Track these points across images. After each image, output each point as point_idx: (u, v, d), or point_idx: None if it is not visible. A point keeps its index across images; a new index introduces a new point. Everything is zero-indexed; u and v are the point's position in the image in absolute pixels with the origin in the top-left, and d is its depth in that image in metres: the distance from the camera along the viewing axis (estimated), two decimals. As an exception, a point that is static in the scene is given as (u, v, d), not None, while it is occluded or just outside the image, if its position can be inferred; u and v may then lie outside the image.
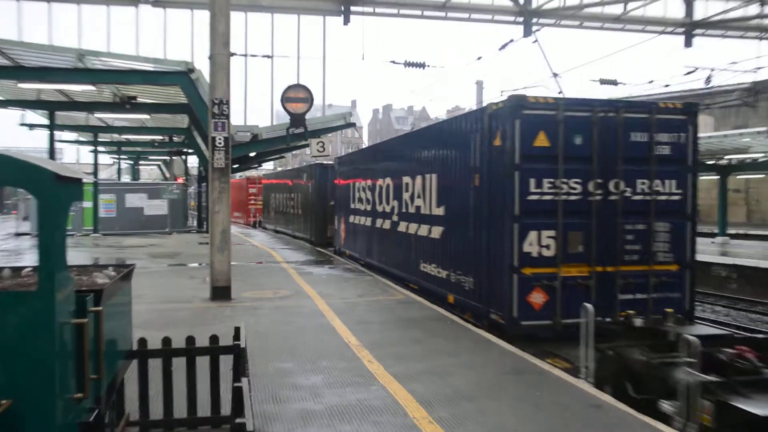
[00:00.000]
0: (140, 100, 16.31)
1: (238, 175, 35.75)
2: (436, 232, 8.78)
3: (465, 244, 7.76)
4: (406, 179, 10.08)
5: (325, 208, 18.35)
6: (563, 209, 6.61)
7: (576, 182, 6.68)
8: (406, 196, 10.14)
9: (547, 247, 6.59)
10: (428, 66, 15.17)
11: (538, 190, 6.59)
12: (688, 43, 12.78)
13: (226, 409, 4.10)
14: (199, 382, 3.86)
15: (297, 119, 16.03)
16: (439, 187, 8.70)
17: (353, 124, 20.08)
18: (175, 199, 24.50)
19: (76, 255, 14.58)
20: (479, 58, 16.21)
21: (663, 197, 6.87)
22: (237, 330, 3.67)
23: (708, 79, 13.85)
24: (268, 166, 50.03)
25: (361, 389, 4.88)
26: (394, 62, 14.98)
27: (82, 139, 27.61)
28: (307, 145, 19.83)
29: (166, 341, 3.81)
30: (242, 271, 11.97)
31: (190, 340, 3.82)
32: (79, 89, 14.92)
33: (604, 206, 6.75)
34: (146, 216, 23.94)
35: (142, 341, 3.82)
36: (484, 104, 7.58)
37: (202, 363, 4.02)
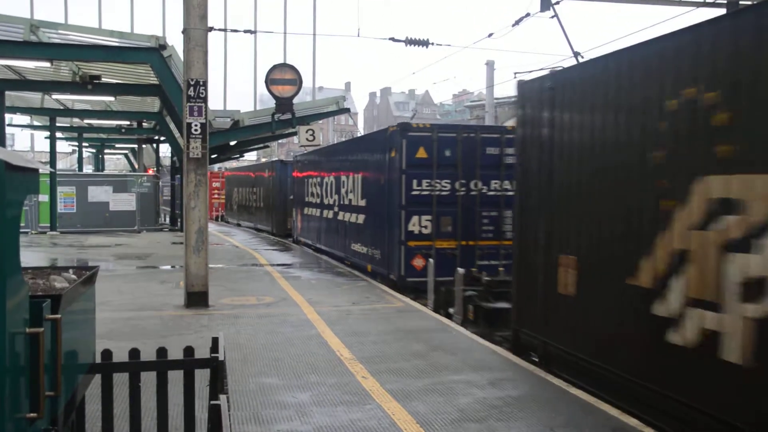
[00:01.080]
0: (104, 80, 16.23)
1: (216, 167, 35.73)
2: (361, 219, 12.67)
3: (376, 227, 11.65)
4: (343, 177, 13.87)
5: (285, 202, 21.85)
6: (437, 201, 10.50)
7: (446, 182, 10.54)
8: (343, 191, 13.93)
9: (425, 227, 10.52)
10: (432, 44, 15.15)
11: (419, 188, 10.45)
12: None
13: (202, 429, 4.09)
14: (171, 400, 3.86)
15: (283, 104, 16.02)
16: (363, 184, 12.53)
17: (347, 110, 20.08)
18: (145, 193, 24.48)
19: (30, 256, 14.54)
20: (490, 35, 16.23)
21: (509, 193, 9.96)
22: (215, 341, 3.66)
23: None
24: (250, 157, 50.03)
25: (354, 408, 4.89)
26: (393, 39, 14.94)
27: (36, 123, 27.50)
28: (294, 133, 19.87)
29: (134, 353, 3.80)
30: (222, 275, 11.96)
31: (162, 352, 3.81)
32: (31, 66, 14.80)
33: (466, 199, 10.57)
34: (112, 212, 23.91)
35: (107, 353, 3.81)
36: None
37: (175, 378, 4.01)
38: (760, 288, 3.87)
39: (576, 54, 11.56)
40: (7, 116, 20.19)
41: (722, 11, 12.87)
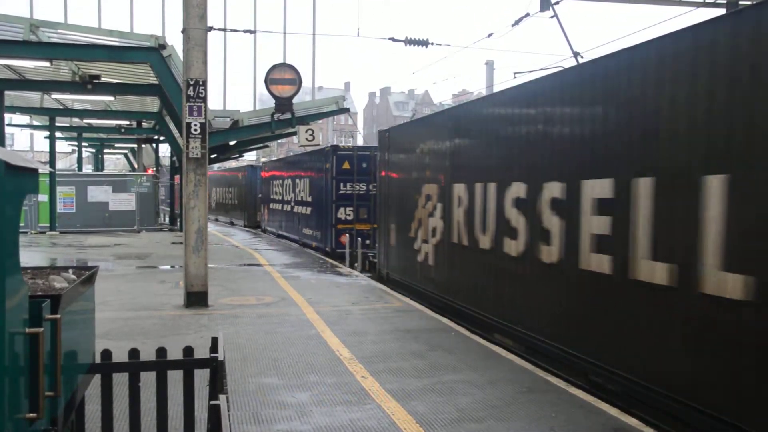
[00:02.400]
0: (104, 79, 16.22)
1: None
2: (308, 210, 18.13)
3: (317, 215, 17.03)
4: (298, 180, 19.37)
5: (255, 200, 27.82)
6: (356, 197, 15.72)
7: (363, 185, 15.80)
8: (297, 190, 19.42)
9: (349, 215, 15.74)
10: (432, 44, 15.13)
11: (345, 189, 15.69)
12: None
13: (201, 429, 4.09)
14: (170, 400, 3.85)
15: (283, 103, 16.01)
16: (310, 185, 17.96)
17: (346, 110, 20.08)
18: (144, 193, 24.46)
19: (30, 255, 14.53)
20: (490, 35, 16.21)
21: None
22: (214, 341, 3.66)
23: None
24: (250, 156, 50.02)
25: (353, 408, 4.89)
26: (393, 39, 14.92)
27: (36, 123, 27.47)
28: (294, 133, 19.87)
29: (134, 353, 3.80)
30: (221, 275, 11.96)
31: (161, 352, 3.81)
32: (31, 65, 14.79)
33: (377, 196, 13.28)
34: (111, 212, 23.89)
35: (106, 353, 3.81)
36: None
37: (175, 378, 4.01)
38: (435, 233, 9.26)
39: (575, 54, 11.55)
40: (7, 116, 20.17)
41: (722, 11, 12.86)
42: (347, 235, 15.11)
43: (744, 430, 3.93)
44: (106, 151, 38.78)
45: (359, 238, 15.06)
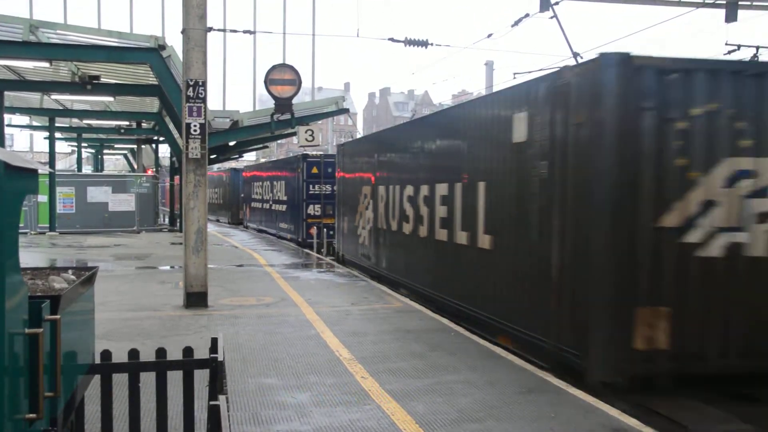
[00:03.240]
0: (103, 80, 16.22)
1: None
2: (284, 208, 21.19)
3: (291, 212, 19.93)
4: (275, 182, 22.63)
5: (238, 199, 31.26)
6: (323, 197, 18.43)
7: (328, 186, 18.10)
8: (275, 190, 22.67)
9: (317, 211, 18.50)
10: (432, 44, 15.13)
11: (313, 190, 18.48)
12: (730, 18, 12.63)
13: (201, 430, 4.09)
14: (170, 401, 3.85)
15: (283, 104, 16.02)
16: (285, 187, 21.01)
17: (346, 110, 20.09)
18: (144, 194, 24.45)
19: (30, 256, 14.52)
20: (490, 36, 16.19)
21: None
22: (214, 341, 3.66)
23: (753, 59, 13.79)
24: (249, 157, 50.01)
25: (353, 408, 4.89)
26: (393, 40, 14.92)
27: (35, 123, 27.46)
28: (294, 134, 19.88)
29: (133, 354, 3.80)
30: (221, 275, 11.96)
31: (161, 352, 3.81)
32: (30, 66, 14.79)
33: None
34: (111, 212, 23.89)
35: (106, 354, 3.81)
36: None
37: (175, 379, 4.01)
38: (368, 222, 12.57)
39: (575, 54, 11.56)
40: (6, 116, 20.15)
41: (722, 12, 12.86)
42: (315, 227, 18.30)
43: (481, 314, 7.59)
44: (105, 151, 38.76)
45: (325, 230, 18.08)
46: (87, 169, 37.03)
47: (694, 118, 5.51)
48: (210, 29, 9.01)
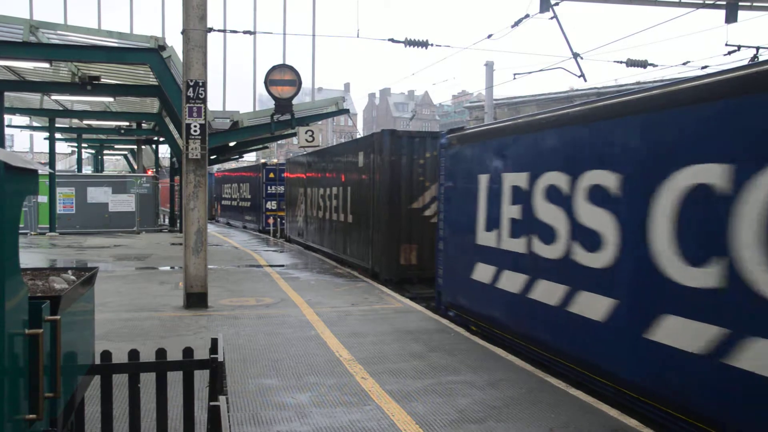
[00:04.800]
0: (103, 80, 16.23)
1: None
2: (249, 204, 27.69)
3: (254, 207, 26.64)
4: (242, 184, 28.88)
5: (212, 198, 35.94)
6: (278, 196, 24.68)
7: (281, 187, 24.21)
8: (241, 190, 28.92)
9: (273, 206, 24.81)
10: (432, 45, 15.13)
11: (271, 190, 24.95)
12: (730, 18, 12.63)
13: (201, 430, 4.09)
14: (170, 401, 3.86)
15: (283, 104, 16.02)
16: (249, 187, 27.43)
17: (346, 111, 20.08)
18: (144, 194, 24.45)
19: (30, 256, 14.52)
20: (489, 36, 16.13)
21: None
22: (214, 342, 3.66)
23: (754, 59, 13.78)
24: (249, 158, 49.98)
25: (353, 409, 4.89)
26: (393, 40, 14.92)
27: (35, 124, 27.46)
28: (294, 134, 19.88)
29: (133, 355, 3.80)
30: (221, 276, 11.96)
31: (161, 353, 3.81)
32: (30, 66, 14.79)
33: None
34: (111, 213, 23.89)
35: (106, 354, 3.81)
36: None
37: (175, 379, 4.01)
38: (303, 212, 18.59)
39: (575, 55, 11.56)
40: (7, 117, 20.16)
41: (721, 12, 12.85)
42: (272, 218, 24.23)
43: (349, 257, 13.65)
44: (105, 152, 38.76)
45: (279, 220, 23.79)
46: (87, 169, 37.03)
47: (427, 158, 11.53)
48: (210, 30, 9.01)
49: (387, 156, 11.42)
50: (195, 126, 8.79)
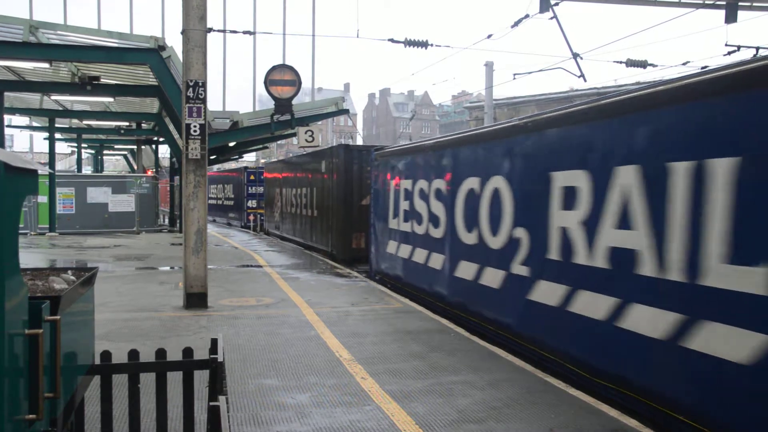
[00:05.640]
0: (103, 80, 16.22)
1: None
2: (232, 203, 31.95)
3: (237, 205, 30.79)
4: (226, 185, 33.55)
5: None
6: (258, 195, 28.34)
7: (260, 188, 27.75)
8: (225, 191, 33.60)
9: (254, 204, 28.46)
10: (431, 45, 15.13)
11: (251, 191, 28.45)
12: (730, 18, 12.62)
13: (201, 431, 4.09)
14: (170, 401, 3.86)
15: (283, 105, 16.02)
16: (233, 189, 31.74)
17: (346, 111, 20.08)
18: (144, 194, 24.45)
19: (29, 257, 14.52)
20: (489, 36, 16.13)
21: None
22: (214, 342, 3.66)
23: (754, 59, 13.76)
24: (249, 158, 50.00)
25: (353, 409, 4.89)
26: (393, 41, 14.92)
27: (35, 124, 27.45)
28: (293, 134, 19.88)
29: (133, 355, 3.80)
30: (221, 276, 11.96)
31: (161, 353, 3.81)
32: (30, 67, 14.78)
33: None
34: (111, 213, 23.88)
35: (106, 355, 3.81)
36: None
37: (174, 379, 4.01)
38: (280, 208, 22.66)
39: (575, 55, 11.55)
40: (6, 117, 20.15)
41: (721, 12, 12.85)
42: (253, 215, 27.74)
43: (314, 243, 17.12)
44: (105, 152, 38.75)
45: (259, 216, 27.18)
46: (87, 169, 37.01)
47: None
48: (210, 30, 9.01)
49: (342, 164, 14.62)
50: (195, 126, 8.78)
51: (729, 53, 13.48)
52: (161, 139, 28.41)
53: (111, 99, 19.05)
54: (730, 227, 4.05)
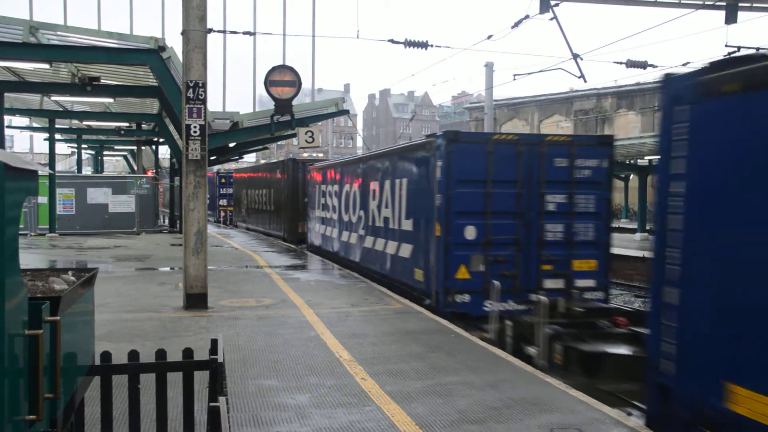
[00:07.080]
0: (103, 81, 16.21)
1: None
2: (207, 203, 29.46)
3: (211, 205, 32.26)
4: (220, 189, 36.44)
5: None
6: (227, 196, 34.94)
7: (230, 189, 34.52)
8: (218, 193, 36.97)
9: (225, 203, 35.48)
10: (431, 46, 15.14)
11: (223, 192, 34.91)
12: (730, 19, 12.62)
13: (201, 431, 4.09)
14: (170, 402, 3.86)
15: (283, 105, 16.02)
16: (208, 189, 31.68)
17: (346, 112, 20.09)
18: (144, 195, 24.46)
19: (30, 257, 14.52)
20: (489, 37, 16.12)
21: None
22: (214, 343, 3.66)
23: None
24: (249, 158, 50.04)
25: (353, 410, 4.89)
26: (393, 41, 14.92)
27: (35, 125, 27.46)
28: (294, 135, 19.90)
29: (133, 355, 3.80)
30: (221, 276, 11.96)
31: (161, 354, 3.81)
32: (30, 67, 14.79)
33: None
34: (111, 214, 23.89)
35: (106, 355, 3.81)
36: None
37: (174, 380, 4.01)
38: (246, 205, 30.14)
39: (575, 56, 11.56)
40: (6, 118, 20.15)
41: (721, 13, 12.85)
42: (224, 212, 33.48)
43: (273, 232, 23.31)
44: (105, 153, 38.73)
45: (229, 212, 32.88)
46: (87, 170, 37.03)
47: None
48: (210, 31, 9.01)
49: (291, 173, 20.34)
50: (195, 127, 8.79)
51: (729, 54, 13.49)
52: (161, 140, 28.42)
53: (111, 100, 19.06)
54: (404, 205, 10.30)
